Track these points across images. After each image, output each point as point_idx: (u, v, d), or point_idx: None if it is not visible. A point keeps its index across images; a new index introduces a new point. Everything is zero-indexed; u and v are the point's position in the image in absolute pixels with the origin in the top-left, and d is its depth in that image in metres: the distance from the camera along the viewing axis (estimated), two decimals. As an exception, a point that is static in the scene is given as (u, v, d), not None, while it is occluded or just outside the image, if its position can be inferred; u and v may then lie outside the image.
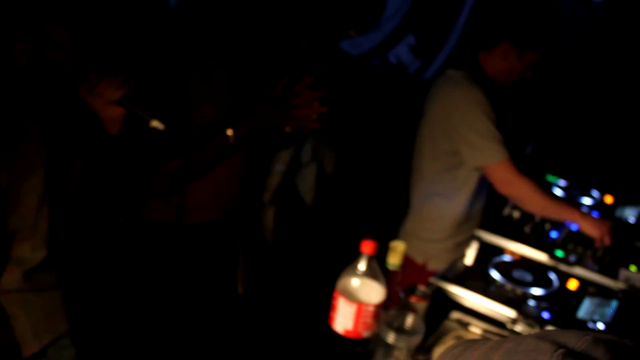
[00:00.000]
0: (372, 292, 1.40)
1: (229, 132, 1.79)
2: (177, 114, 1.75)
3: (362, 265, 1.39)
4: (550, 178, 2.82)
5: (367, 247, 1.37)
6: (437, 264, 2.28)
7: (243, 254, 2.21)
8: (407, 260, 2.43)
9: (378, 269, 1.41)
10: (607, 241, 2.09)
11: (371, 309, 1.38)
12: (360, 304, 1.37)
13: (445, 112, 2.20)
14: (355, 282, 1.40)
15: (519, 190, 2.14)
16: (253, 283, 2.39)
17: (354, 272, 1.40)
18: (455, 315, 1.67)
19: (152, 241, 2.01)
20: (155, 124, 1.57)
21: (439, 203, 2.34)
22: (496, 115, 2.18)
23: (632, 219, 2.49)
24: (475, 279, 1.83)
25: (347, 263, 1.45)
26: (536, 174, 2.83)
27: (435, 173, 2.32)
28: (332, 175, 3.16)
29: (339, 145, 3.16)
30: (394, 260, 1.52)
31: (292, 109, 1.85)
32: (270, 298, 2.83)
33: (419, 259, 2.38)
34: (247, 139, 1.86)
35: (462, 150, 2.18)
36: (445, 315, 1.68)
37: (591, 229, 2.10)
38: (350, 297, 1.39)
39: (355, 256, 1.42)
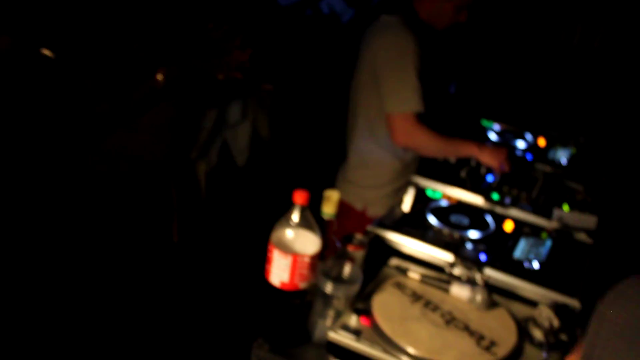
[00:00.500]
0: (307, 242, 1.37)
1: (159, 76, 1.72)
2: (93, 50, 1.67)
3: (295, 216, 1.35)
4: (485, 123, 2.83)
5: (299, 197, 1.33)
6: (376, 210, 2.28)
7: (177, 204, 2.16)
8: (346, 208, 2.43)
9: (312, 219, 1.37)
10: (505, 168, 2.13)
11: (307, 259, 1.35)
12: (295, 255, 1.34)
13: (374, 55, 2.18)
14: (289, 234, 1.36)
15: (416, 140, 2.20)
16: (188, 233, 2.36)
17: (288, 224, 1.36)
18: (394, 261, 1.66)
19: (87, 191, 1.95)
20: (46, 52, 1.48)
21: (375, 149, 2.33)
22: (424, 62, 2.17)
23: (564, 160, 2.53)
24: (413, 225, 1.82)
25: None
26: (471, 120, 2.86)
27: (370, 119, 2.31)
28: (269, 131, 3.10)
29: (274, 99, 3.09)
30: (328, 209, 1.49)
31: (223, 55, 1.78)
32: (205, 249, 2.79)
33: (358, 205, 2.38)
34: (177, 85, 1.79)
35: (380, 94, 2.19)
36: (384, 263, 1.67)
37: (488, 159, 2.15)
38: (285, 248, 1.35)
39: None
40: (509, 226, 1.90)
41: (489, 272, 1.59)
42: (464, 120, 2.90)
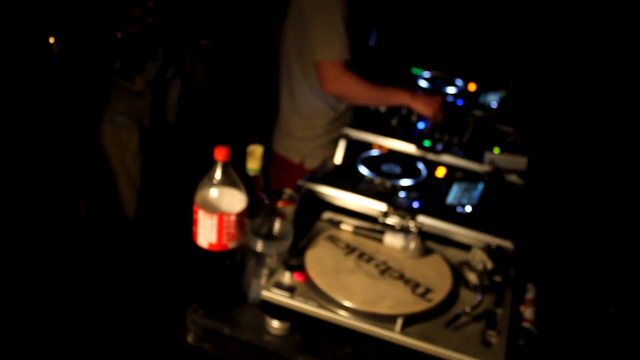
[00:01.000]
0: (233, 200, 1.31)
1: (51, 39, 1.61)
2: None
3: (217, 174, 1.29)
4: (415, 70, 2.80)
5: (220, 153, 1.27)
6: (313, 163, 2.25)
7: (81, 176, 2.07)
8: (284, 162, 2.39)
9: (236, 176, 1.32)
10: (439, 118, 2.12)
11: (233, 218, 1.30)
12: (220, 214, 1.28)
13: (301, 4, 2.13)
14: (213, 193, 1.30)
15: (345, 87, 2.17)
16: (96, 205, 2.27)
17: (211, 182, 1.30)
18: (327, 215, 1.63)
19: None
20: None
21: (310, 96, 2.29)
22: (353, 13, 2.13)
23: (494, 104, 2.54)
24: (345, 177, 1.78)
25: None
26: (401, 68, 2.82)
27: (302, 70, 2.26)
28: (204, 76, 2.99)
29: (211, 54, 2.99)
30: (253, 165, 1.44)
31: (122, 12, 1.68)
32: (117, 221, 2.70)
33: (295, 159, 2.35)
34: (73, 47, 1.68)
35: (309, 42, 2.14)
36: (317, 217, 1.63)
37: (422, 108, 2.14)
38: (210, 208, 1.29)
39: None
40: (441, 172, 1.88)
41: (422, 219, 1.57)
42: (394, 70, 2.87)
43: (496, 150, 1.99)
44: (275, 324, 1.35)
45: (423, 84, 2.70)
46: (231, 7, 3.07)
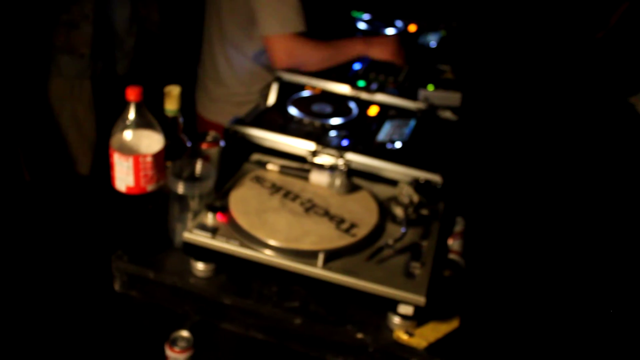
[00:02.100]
0: (149, 142, 1.28)
1: None
2: None
3: (131, 115, 1.25)
4: (355, 14, 2.76)
5: (132, 93, 1.23)
6: None
7: (22, 138, 2.00)
8: (216, 127, 2.32)
9: (151, 117, 1.28)
10: (401, 59, 2.09)
11: (149, 159, 1.26)
12: (136, 156, 1.25)
13: None
14: (127, 135, 1.27)
15: (300, 59, 2.06)
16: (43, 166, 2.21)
17: (125, 124, 1.26)
18: (255, 157, 1.60)
19: None
20: None
21: (246, 63, 2.22)
22: None
23: (433, 44, 2.52)
24: (274, 119, 1.75)
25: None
26: (341, 13, 2.78)
27: (243, 36, 2.18)
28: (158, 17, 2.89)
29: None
30: (170, 105, 1.40)
31: None
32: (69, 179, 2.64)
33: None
34: None
35: (255, 17, 2.05)
36: (246, 160, 1.61)
37: (379, 53, 2.10)
38: (125, 151, 1.26)
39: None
40: (373, 111, 1.87)
41: (351, 156, 1.56)
42: (333, 15, 2.82)
43: (430, 87, 1.97)
44: (199, 266, 1.34)
45: (362, 26, 2.66)
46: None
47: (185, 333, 1.65)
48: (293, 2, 2.03)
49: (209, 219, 1.33)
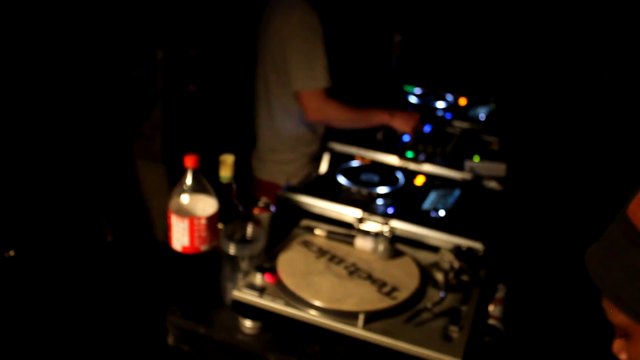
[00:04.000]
0: (204, 205, 1.39)
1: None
2: None
3: (188, 180, 1.37)
4: (407, 88, 2.87)
5: (189, 161, 1.35)
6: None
7: (106, 204, 2.17)
8: (270, 186, 2.46)
9: (206, 182, 1.39)
10: (420, 129, 2.21)
11: (204, 221, 1.37)
12: (192, 218, 1.35)
13: (278, 34, 2.21)
14: (184, 199, 1.38)
15: (328, 115, 2.25)
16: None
17: (182, 189, 1.38)
18: (304, 222, 1.69)
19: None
20: None
21: (291, 125, 2.36)
22: (329, 38, 2.20)
23: (482, 116, 2.59)
24: (324, 187, 1.84)
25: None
26: (394, 86, 2.90)
27: (282, 97, 2.33)
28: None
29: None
30: (225, 172, 1.51)
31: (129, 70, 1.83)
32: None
33: (281, 181, 2.40)
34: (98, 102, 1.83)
35: (288, 72, 2.21)
36: (295, 225, 1.69)
37: (401, 125, 2.21)
38: (183, 213, 1.37)
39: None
40: (419, 180, 1.94)
41: (395, 223, 1.63)
42: (387, 88, 2.95)
43: (476, 158, 2.04)
44: (247, 323, 1.41)
45: (413, 99, 2.77)
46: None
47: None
48: (321, 61, 2.21)
49: (258, 279, 1.41)
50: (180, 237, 1.38)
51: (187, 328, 1.46)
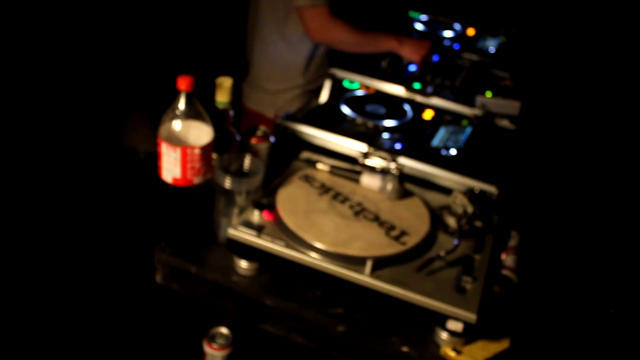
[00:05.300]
0: (198, 133, 1.25)
1: None
2: None
3: (181, 105, 1.22)
4: (413, 14, 2.70)
5: (183, 83, 1.19)
6: None
7: None
8: (258, 117, 2.31)
9: (201, 108, 1.24)
10: (429, 59, 2.11)
11: (197, 151, 1.23)
12: (184, 147, 1.22)
13: None
14: (176, 125, 1.23)
15: (332, 35, 2.11)
16: None
17: (174, 114, 1.23)
18: (305, 155, 1.56)
19: None
20: None
21: (284, 49, 2.21)
22: None
23: (492, 49, 2.44)
24: (326, 117, 1.70)
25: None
26: (398, 11, 2.72)
27: (278, 17, 2.17)
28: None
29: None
30: (222, 97, 1.36)
31: None
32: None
33: (269, 113, 2.28)
34: None
35: None
36: (295, 157, 1.56)
37: (409, 53, 2.08)
38: (174, 141, 1.22)
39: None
40: (428, 114, 1.81)
41: (404, 160, 1.50)
42: (390, 12, 2.77)
43: (488, 94, 1.90)
44: (242, 263, 1.30)
45: (419, 27, 2.60)
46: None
47: (224, 330, 1.62)
48: None
49: (255, 216, 1.29)
50: (171, 167, 1.25)
51: (177, 266, 1.35)
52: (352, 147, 1.55)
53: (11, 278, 2.35)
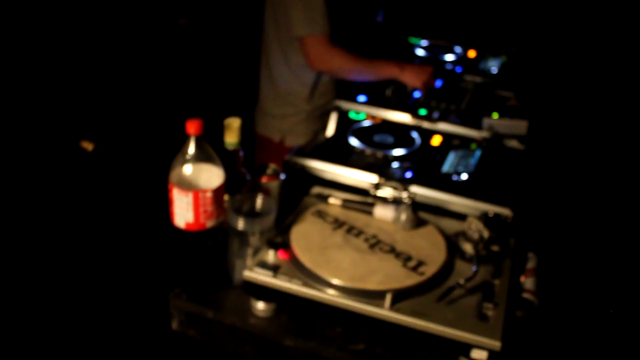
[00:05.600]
0: (209, 176, 1.24)
1: None
2: None
3: (191, 149, 1.22)
4: (413, 40, 2.71)
5: (192, 127, 1.19)
6: (294, 140, 2.20)
7: None
8: (264, 141, 2.32)
9: (211, 151, 1.24)
10: (431, 84, 2.10)
11: (209, 195, 1.22)
12: (196, 191, 1.21)
13: None
14: (187, 169, 1.23)
15: (332, 63, 2.11)
16: None
17: (184, 158, 1.23)
18: (316, 190, 1.55)
19: None
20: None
21: (288, 76, 2.22)
22: None
23: (494, 70, 2.44)
24: (335, 150, 1.70)
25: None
26: (398, 38, 2.73)
27: (283, 45, 2.19)
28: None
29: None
30: (231, 138, 1.36)
31: None
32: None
33: (275, 137, 2.28)
34: None
35: (288, 18, 2.06)
36: (306, 193, 1.55)
37: (411, 79, 2.07)
38: (185, 186, 1.22)
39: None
40: (436, 140, 1.80)
41: (415, 189, 1.49)
42: (391, 41, 2.78)
43: (495, 115, 1.90)
44: (259, 305, 1.29)
45: (420, 52, 2.61)
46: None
47: (244, 373, 1.59)
48: (320, 6, 2.06)
49: (270, 256, 1.28)
50: (183, 212, 1.24)
51: (193, 312, 1.34)
52: (363, 178, 1.55)
53: (30, 322, 2.34)
